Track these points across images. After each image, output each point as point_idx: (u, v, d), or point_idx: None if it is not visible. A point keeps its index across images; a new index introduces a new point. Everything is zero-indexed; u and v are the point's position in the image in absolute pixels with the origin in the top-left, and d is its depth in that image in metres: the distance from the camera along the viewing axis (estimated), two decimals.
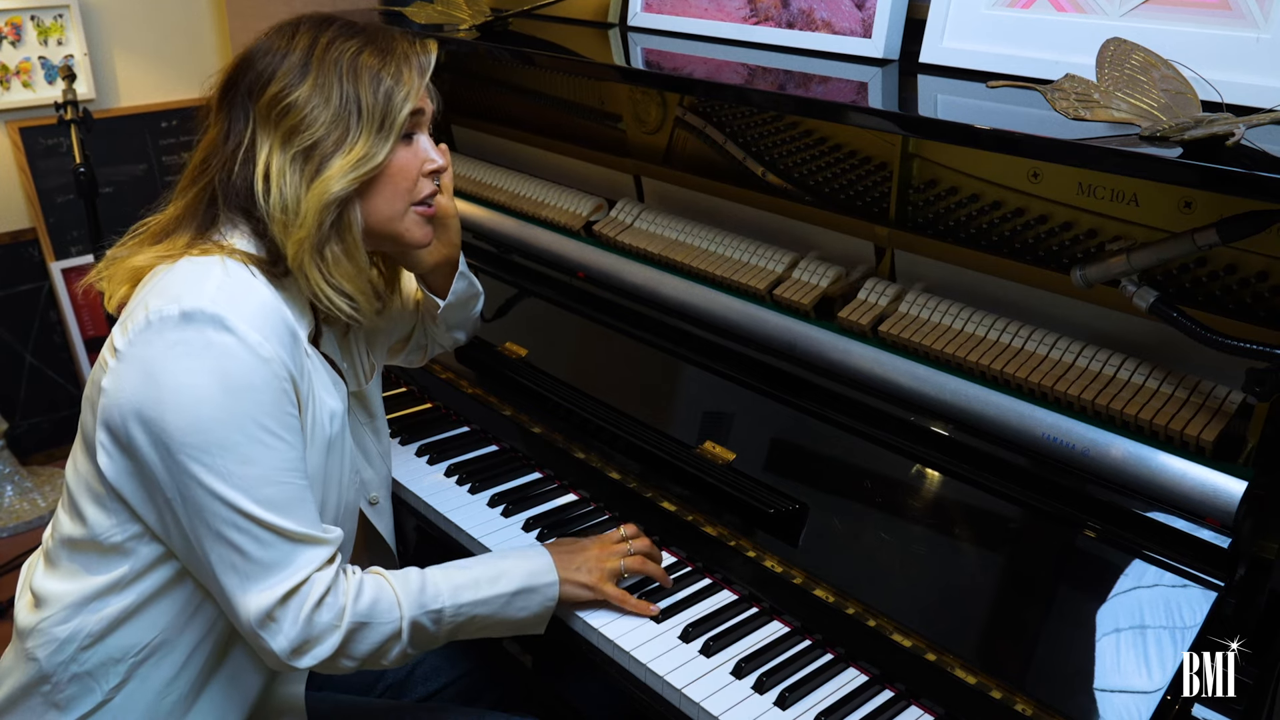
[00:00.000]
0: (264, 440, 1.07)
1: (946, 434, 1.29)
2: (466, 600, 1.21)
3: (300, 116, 1.12)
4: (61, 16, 2.86)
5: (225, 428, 1.05)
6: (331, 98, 1.12)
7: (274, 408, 1.08)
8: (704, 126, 1.72)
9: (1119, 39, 1.14)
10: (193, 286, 1.08)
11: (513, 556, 1.28)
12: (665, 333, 1.62)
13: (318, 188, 1.11)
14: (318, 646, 1.11)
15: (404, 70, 1.16)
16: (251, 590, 1.08)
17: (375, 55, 1.15)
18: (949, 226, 1.42)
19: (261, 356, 1.07)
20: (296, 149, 1.12)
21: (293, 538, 1.09)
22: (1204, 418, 1.13)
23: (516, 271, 1.88)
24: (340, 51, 1.14)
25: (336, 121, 1.12)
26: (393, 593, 1.17)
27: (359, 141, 1.13)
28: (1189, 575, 1.08)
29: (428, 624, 1.18)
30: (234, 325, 1.06)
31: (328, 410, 1.20)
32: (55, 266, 2.94)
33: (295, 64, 1.13)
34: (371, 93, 1.13)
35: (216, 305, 1.06)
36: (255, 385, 1.07)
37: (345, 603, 1.13)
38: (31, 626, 1.18)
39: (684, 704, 1.20)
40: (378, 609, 1.15)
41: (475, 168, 2.08)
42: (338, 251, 1.15)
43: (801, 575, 1.30)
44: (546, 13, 1.97)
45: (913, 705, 1.20)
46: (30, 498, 2.85)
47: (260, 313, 1.10)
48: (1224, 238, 1.06)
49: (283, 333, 1.11)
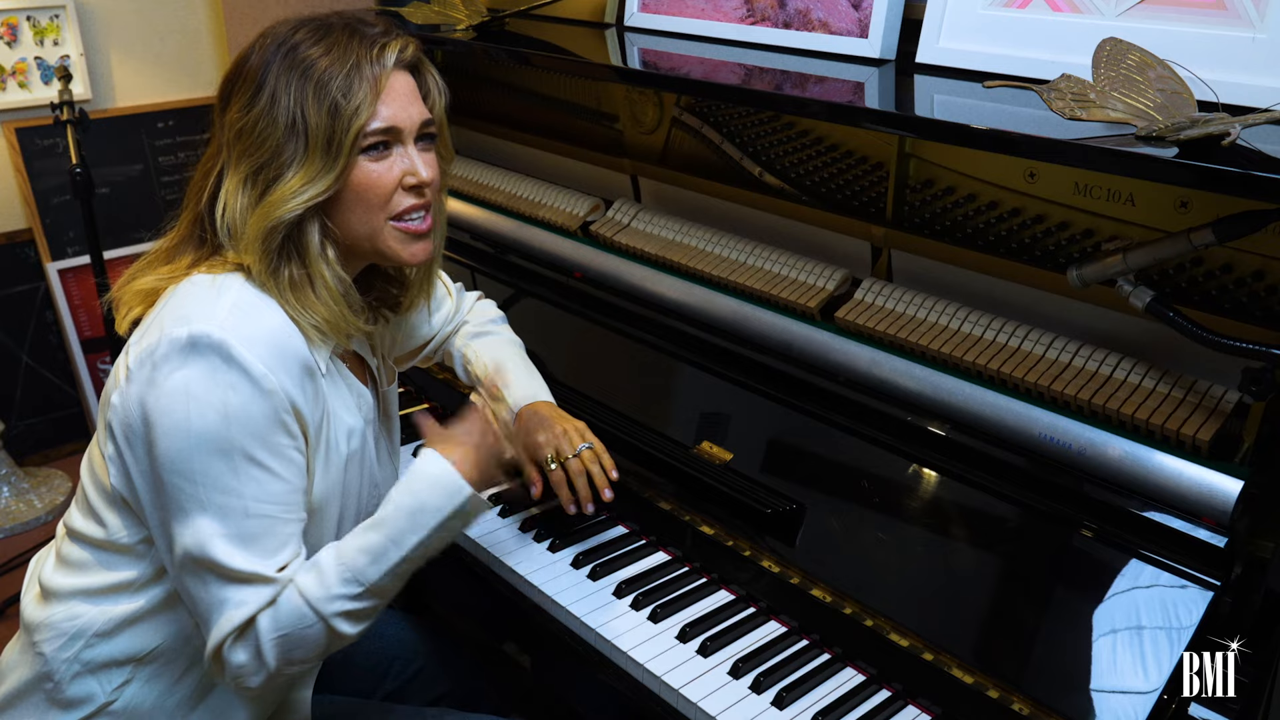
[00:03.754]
0: (250, 473, 1.05)
1: (943, 434, 1.29)
2: (392, 562, 1.10)
3: (251, 137, 1.07)
4: (57, 17, 2.85)
5: (214, 457, 1.04)
6: (280, 117, 1.07)
7: (269, 440, 1.06)
8: (701, 127, 1.72)
9: (1115, 39, 1.14)
10: (204, 308, 1.07)
11: (418, 488, 1.12)
12: (662, 333, 1.62)
13: (261, 211, 1.07)
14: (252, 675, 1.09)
15: (354, 84, 1.07)
16: (209, 625, 1.08)
17: (329, 67, 1.07)
18: (946, 226, 1.42)
19: (264, 389, 1.05)
20: (248, 170, 1.08)
21: (239, 577, 1.06)
22: (1200, 417, 1.13)
23: (513, 272, 1.88)
24: (295, 63, 1.08)
25: (284, 143, 1.07)
26: (302, 599, 1.08)
27: (305, 164, 1.07)
28: (1185, 575, 1.08)
29: (355, 605, 1.09)
30: (239, 355, 1.04)
31: (345, 429, 1.18)
32: (51, 267, 2.93)
33: (251, 78, 1.09)
34: (317, 110, 1.06)
35: (225, 331, 1.04)
36: (253, 417, 1.05)
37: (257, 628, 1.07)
38: (39, 620, 1.18)
39: (681, 704, 1.20)
40: (290, 619, 1.07)
41: (472, 168, 2.08)
42: (296, 276, 1.10)
43: (799, 575, 1.30)
44: (543, 13, 1.97)
45: (910, 705, 1.20)
46: (26, 499, 2.84)
47: (270, 340, 1.07)
48: (1220, 237, 1.06)
49: (291, 361, 1.08)
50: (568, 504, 1.39)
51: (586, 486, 1.38)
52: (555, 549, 1.45)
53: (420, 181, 1.12)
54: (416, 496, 1.11)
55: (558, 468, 1.38)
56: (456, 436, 1.16)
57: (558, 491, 1.39)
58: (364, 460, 1.23)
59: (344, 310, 1.13)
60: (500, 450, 1.19)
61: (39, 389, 3.02)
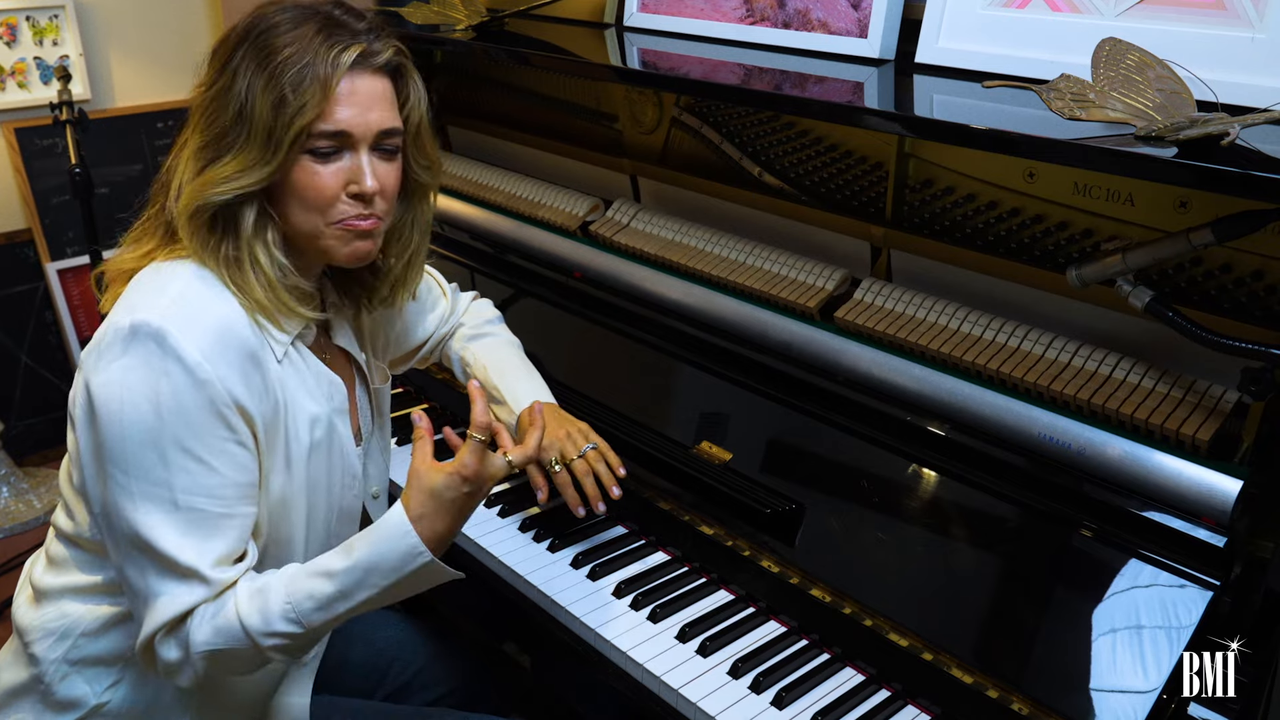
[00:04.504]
0: (183, 464, 1.04)
1: (943, 434, 1.29)
2: (335, 614, 1.09)
3: (202, 116, 1.08)
4: (57, 17, 2.85)
5: (145, 447, 1.03)
6: (231, 101, 1.06)
7: (203, 431, 1.04)
8: (700, 127, 1.72)
9: (1114, 39, 1.14)
10: (150, 297, 1.06)
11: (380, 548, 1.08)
12: (661, 333, 1.62)
13: (191, 189, 1.07)
14: (179, 675, 1.09)
15: (304, 81, 1.04)
16: (141, 615, 1.08)
17: (286, 60, 1.05)
18: (945, 226, 1.42)
19: (198, 378, 1.03)
20: (196, 145, 1.08)
21: (174, 570, 1.05)
22: (1199, 417, 1.13)
23: (513, 272, 1.88)
24: (260, 46, 1.06)
25: (230, 127, 1.06)
26: (239, 623, 1.06)
27: (241, 153, 1.06)
28: (1185, 574, 1.08)
29: (293, 642, 1.09)
30: (176, 343, 1.03)
31: (308, 417, 1.15)
32: (51, 267, 2.93)
33: (222, 54, 1.08)
34: (264, 100, 1.04)
35: (165, 320, 1.03)
36: (186, 407, 1.03)
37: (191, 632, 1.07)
38: (30, 622, 1.18)
39: (681, 704, 1.20)
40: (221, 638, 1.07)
41: (471, 168, 2.08)
42: (232, 253, 1.09)
43: (798, 575, 1.30)
44: (542, 13, 1.97)
45: (909, 705, 1.20)
46: (26, 499, 2.84)
47: (212, 330, 1.05)
48: (1219, 237, 1.06)
49: (233, 351, 1.06)
50: (575, 506, 1.38)
51: (595, 486, 1.37)
52: (555, 549, 1.44)
53: (363, 191, 1.09)
54: (375, 550, 1.08)
55: (562, 470, 1.38)
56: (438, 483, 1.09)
57: (564, 494, 1.38)
58: (332, 450, 1.20)
59: (280, 294, 1.10)
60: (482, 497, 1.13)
61: (38, 389, 3.02)
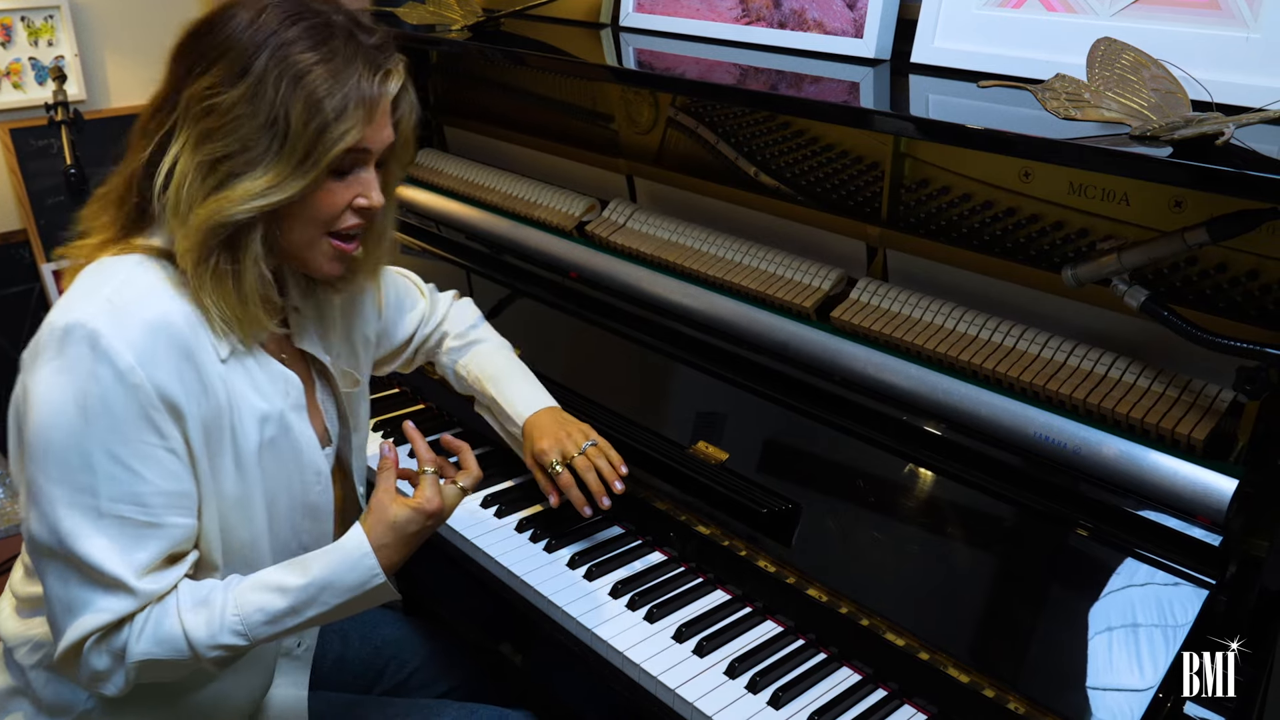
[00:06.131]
0: (109, 470, 1.01)
1: (939, 433, 1.29)
2: (282, 628, 1.09)
3: (221, 122, 1.01)
4: (52, 17, 2.85)
5: (70, 451, 1.00)
6: (260, 111, 1.00)
7: (130, 436, 1.01)
8: (696, 127, 1.72)
9: (1109, 39, 1.15)
10: (86, 296, 1.03)
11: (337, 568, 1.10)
12: (658, 333, 1.62)
13: (212, 204, 1.01)
14: (107, 683, 1.07)
15: (350, 105, 1.03)
16: (62, 624, 1.04)
17: (327, 79, 1.02)
18: (941, 226, 1.42)
19: (129, 382, 1.00)
20: (205, 156, 1.01)
21: (99, 580, 1.02)
22: (1195, 416, 1.13)
23: (509, 272, 1.88)
24: (290, 61, 1.01)
25: (256, 140, 1.01)
26: (181, 633, 1.05)
27: (273, 168, 1.01)
28: (1180, 573, 1.08)
29: (234, 654, 1.09)
30: (107, 345, 0.99)
31: (257, 415, 1.11)
32: (46, 268, 2.92)
33: (237, 59, 1.01)
34: (304, 121, 1.01)
35: (96, 320, 1.00)
36: (114, 412, 1.00)
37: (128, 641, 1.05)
38: (11, 630, 1.17)
39: (677, 704, 1.19)
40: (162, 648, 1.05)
41: (467, 168, 2.08)
42: (224, 270, 1.04)
43: (794, 575, 1.30)
44: (538, 13, 1.97)
45: (906, 704, 1.20)
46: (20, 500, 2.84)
47: (147, 328, 1.01)
48: (1214, 237, 1.06)
49: (170, 353, 1.02)
50: (581, 505, 1.38)
51: (597, 481, 1.37)
52: (551, 549, 1.44)
53: (371, 206, 1.09)
54: (333, 571, 1.09)
55: (564, 470, 1.37)
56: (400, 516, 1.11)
57: (569, 495, 1.38)
58: (289, 448, 1.15)
59: (259, 311, 1.09)
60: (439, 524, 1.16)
61: None
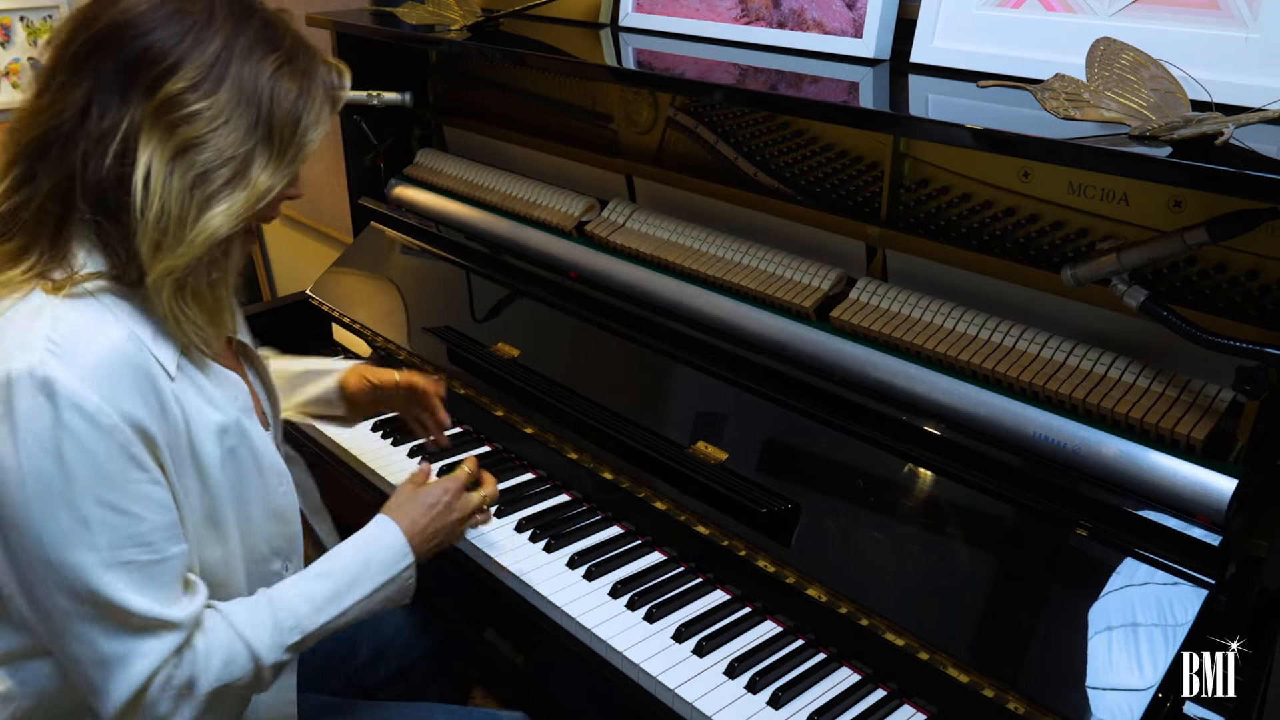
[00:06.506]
0: (103, 519, 0.94)
1: (938, 433, 1.29)
2: (329, 616, 1.12)
3: (201, 132, 0.96)
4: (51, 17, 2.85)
5: (57, 511, 0.92)
6: (240, 120, 0.97)
7: (118, 479, 0.94)
8: (695, 127, 1.72)
9: (1108, 38, 1.15)
10: (22, 339, 0.93)
11: (368, 546, 1.18)
12: (657, 333, 1.62)
13: (216, 218, 0.97)
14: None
15: (319, 100, 1.03)
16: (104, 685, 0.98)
17: (294, 78, 1.01)
18: (940, 226, 1.42)
19: (102, 425, 0.93)
20: (198, 169, 0.96)
21: (131, 625, 0.97)
22: (1194, 416, 1.13)
23: (508, 272, 1.88)
24: (260, 65, 0.99)
25: (239, 148, 0.97)
26: (243, 647, 1.05)
27: (263, 175, 0.99)
28: (1180, 573, 1.08)
29: (288, 656, 1.09)
30: (66, 389, 0.91)
31: (214, 429, 1.05)
32: None
33: (208, 64, 0.96)
34: (287, 120, 1.00)
35: (44, 366, 0.91)
36: (94, 458, 0.93)
37: (195, 677, 1.01)
38: None
39: (677, 704, 1.20)
40: (230, 671, 1.04)
41: (467, 168, 2.08)
42: (202, 284, 1.00)
43: (794, 575, 1.30)
44: (538, 13, 1.97)
45: (905, 704, 1.20)
46: None
47: (103, 363, 0.94)
48: (1213, 236, 1.06)
49: (129, 381, 0.95)
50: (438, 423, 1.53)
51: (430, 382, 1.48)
52: (551, 549, 1.44)
53: (299, 195, 1.09)
54: (361, 545, 1.19)
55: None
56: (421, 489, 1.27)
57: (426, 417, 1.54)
58: (249, 455, 1.11)
59: (228, 316, 1.08)
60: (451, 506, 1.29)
61: None
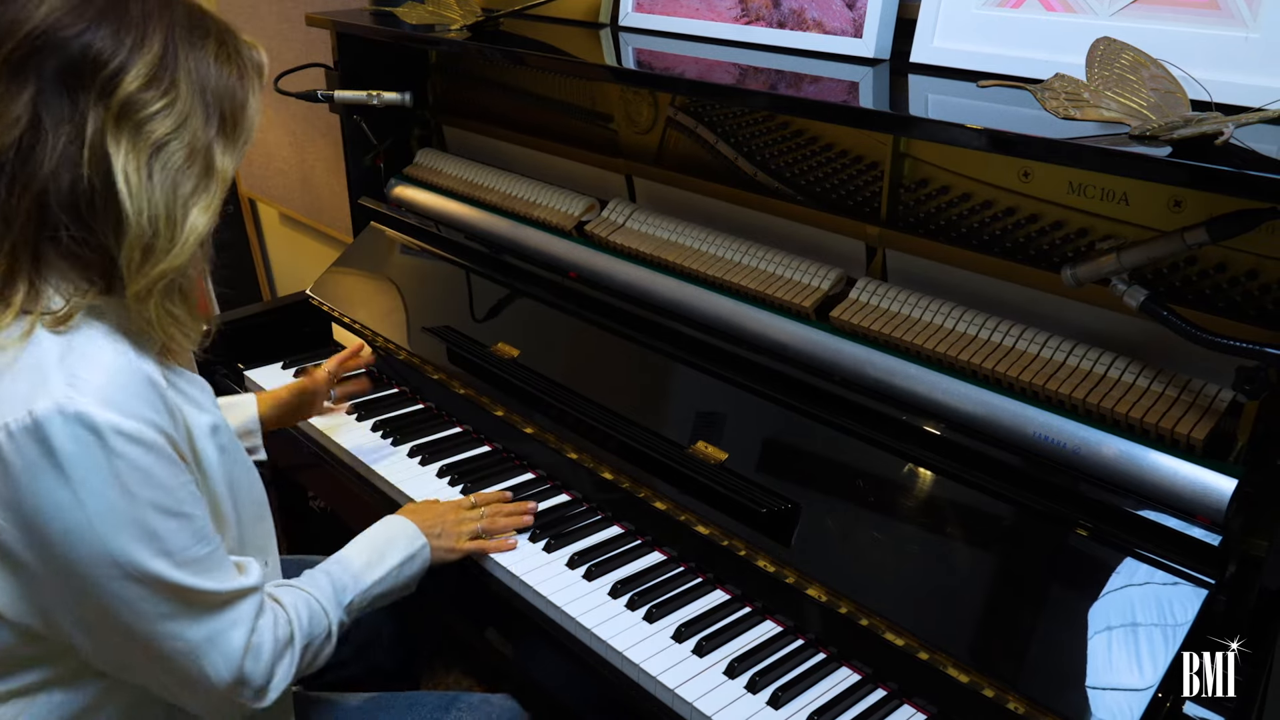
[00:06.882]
0: (167, 526, 0.95)
1: (938, 433, 1.29)
2: (368, 583, 1.26)
3: (171, 129, 0.95)
4: None
5: (127, 533, 0.92)
6: (199, 111, 0.97)
7: (171, 485, 0.95)
8: (695, 127, 1.72)
9: (1108, 38, 1.15)
10: (34, 389, 0.91)
11: (384, 530, 1.35)
12: (657, 333, 1.62)
13: (197, 217, 0.97)
14: (281, 682, 1.08)
15: (251, 77, 1.03)
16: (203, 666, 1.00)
17: (230, 60, 1.01)
18: (940, 226, 1.42)
19: (146, 442, 0.93)
20: (178, 163, 0.96)
21: (214, 602, 1.00)
22: (1194, 416, 1.13)
23: (508, 272, 1.88)
24: (201, 53, 0.98)
25: (203, 139, 0.97)
26: (318, 603, 1.18)
27: (227, 156, 1.00)
28: (1180, 573, 1.08)
29: (346, 618, 1.22)
30: (104, 419, 0.90)
31: (206, 428, 1.06)
32: None
33: (156, 58, 0.94)
34: (236, 106, 1.00)
35: (73, 401, 0.90)
36: (150, 474, 0.93)
37: (293, 631, 1.11)
38: None
39: (677, 703, 1.20)
40: (315, 625, 1.16)
41: (467, 168, 2.08)
42: (188, 282, 1.01)
43: (794, 575, 1.30)
44: (538, 13, 1.97)
45: (905, 704, 1.20)
46: None
47: (117, 385, 0.93)
48: (1213, 236, 1.06)
49: (145, 393, 0.95)
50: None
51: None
52: (550, 549, 1.44)
53: None
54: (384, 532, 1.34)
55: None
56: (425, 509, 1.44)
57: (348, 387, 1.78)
58: (235, 450, 1.12)
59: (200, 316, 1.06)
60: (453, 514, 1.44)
61: None
